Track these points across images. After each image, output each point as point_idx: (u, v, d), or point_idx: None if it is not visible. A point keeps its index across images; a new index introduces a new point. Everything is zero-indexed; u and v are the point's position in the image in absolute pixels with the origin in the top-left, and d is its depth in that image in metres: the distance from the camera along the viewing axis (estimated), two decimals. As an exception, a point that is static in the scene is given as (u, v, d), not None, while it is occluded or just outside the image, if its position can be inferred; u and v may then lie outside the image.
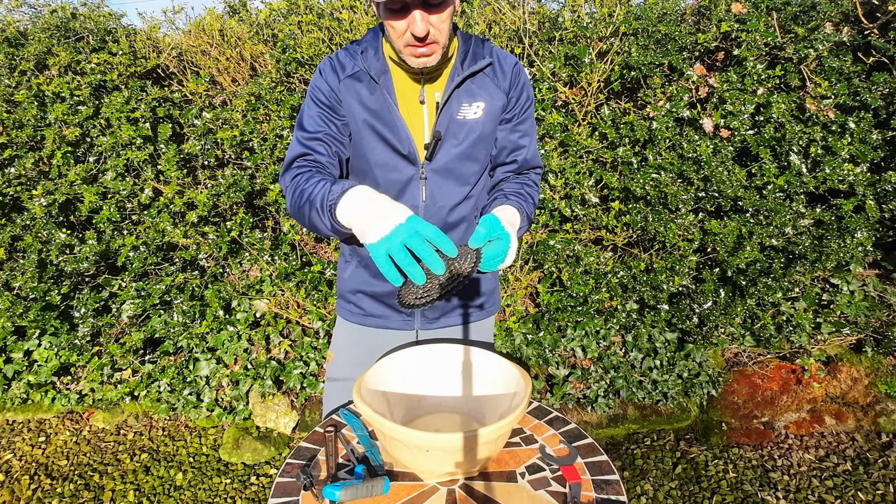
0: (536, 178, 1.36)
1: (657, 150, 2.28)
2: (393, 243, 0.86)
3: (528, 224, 1.27)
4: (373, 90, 1.19)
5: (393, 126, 1.19)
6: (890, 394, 2.47)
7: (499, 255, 1.06)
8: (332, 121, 1.21)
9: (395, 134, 1.20)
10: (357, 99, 1.20)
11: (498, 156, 1.31)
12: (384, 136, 1.20)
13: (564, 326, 2.50)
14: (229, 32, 2.67)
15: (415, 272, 0.86)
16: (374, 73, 1.18)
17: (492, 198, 1.30)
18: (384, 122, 1.20)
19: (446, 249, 0.88)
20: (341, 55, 1.23)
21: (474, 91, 1.21)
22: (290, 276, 2.47)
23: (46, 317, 2.47)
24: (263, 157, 2.41)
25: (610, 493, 0.97)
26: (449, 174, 1.24)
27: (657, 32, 2.30)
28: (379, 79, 1.18)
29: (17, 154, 2.47)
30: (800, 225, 2.28)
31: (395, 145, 1.20)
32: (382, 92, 1.18)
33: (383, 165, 1.23)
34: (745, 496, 2.18)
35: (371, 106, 1.20)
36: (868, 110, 2.23)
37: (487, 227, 1.06)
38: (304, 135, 1.20)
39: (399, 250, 0.85)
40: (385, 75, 1.19)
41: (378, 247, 0.88)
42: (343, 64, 1.21)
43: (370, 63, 1.19)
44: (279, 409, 2.53)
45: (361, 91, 1.20)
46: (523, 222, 1.23)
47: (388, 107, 1.19)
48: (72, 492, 2.27)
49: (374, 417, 0.96)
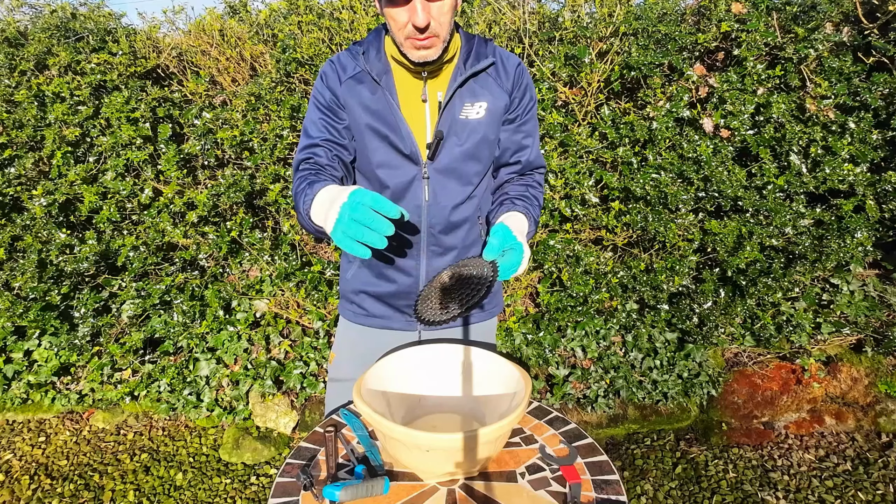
0: (540, 178, 1.36)
1: (657, 150, 2.28)
2: (343, 222, 0.90)
3: (535, 227, 1.28)
4: (374, 91, 1.20)
5: (395, 126, 1.19)
6: (890, 394, 2.47)
7: (513, 266, 1.07)
8: (334, 125, 1.23)
9: (397, 134, 1.20)
10: (359, 101, 1.20)
11: (501, 156, 1.31)
12: (386, 136, 1.20)
13: (564, 326, 2.50)
14: (229, 32, 2.67)
15: (372, 238, 0.89)
16: (375, 73, 1.18)
17: (497, 201, 1.30)
18: (386, 122, 1.20)
19: (388, 211, 0.91)
20: (343, 56, 1.24)
21: (477, 91, 1.21)
22: (290, 276, 2.47)
23: (46, 317, 2.47)
24: (263, 157, 2.41)
25: (610, 493, 0.97)
26: (451, 174, 1.24)
27: (657, 32, 2.30)
28: (381, 79, 1.18)
29: (17, 154, 2.47)
30: (800, 225, 2.28)
31: (397, 145, 1.21)
32: (384, 92, 1.19)
33: (386, 165, 1.24)
34: (745, 496, 2.18)
35: (373, 107, 1.20)
36: (868, 110, 2.23)
37: (500, 238, 1.08)
38: (307, 140, 1.24)
39: (349, 225, 0.89)
40: (387, 75, 1.19)
41: (335, 232, 0.92)
42: (344, 65, 1.22)
43: (372, 63, 1.19)
44: (279, 409, 2.53)
45: (363, 93, 1.20)
46: (531, 227, 1.24)
47: (389, 107, 1.19)
48: (72, 492, 2.27)
49: (374, 417, 0.96)
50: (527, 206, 1.25)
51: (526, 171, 1.34)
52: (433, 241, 1.29)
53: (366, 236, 0.89)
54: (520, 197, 1.28)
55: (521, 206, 1.24)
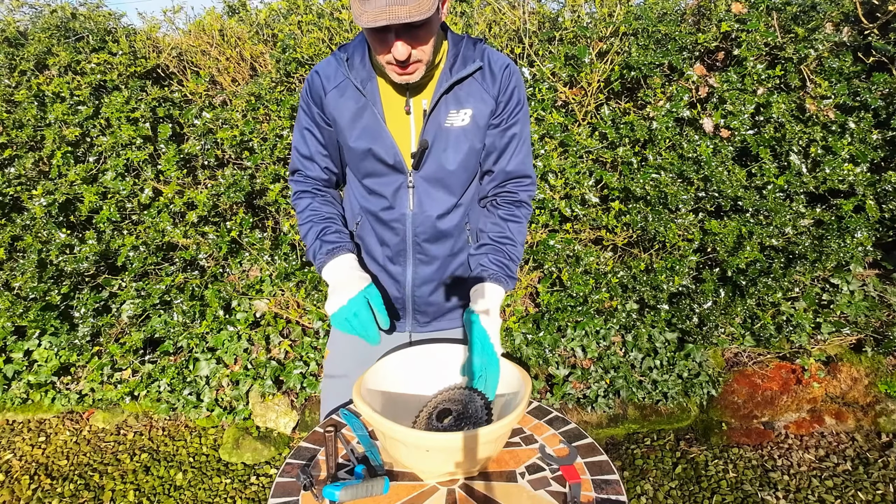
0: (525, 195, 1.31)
1: (657, 150, 2.28)
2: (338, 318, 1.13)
3: (516, 266, 1.28)
4: (358, 100, 1.19)
5: (378, 136, 1.18)
6: (890, 394, 2.47)
7: (494, 387, 1.14)
8: (318, 137, 1.27)
9: (381, 144, 1.19)
10: (342, 112, 1.20)
11: (484, 161, 1.28)
12: (370, 146, 1.19)
13: (564, 326, 2.50)
14: (229, 32, 2.67)
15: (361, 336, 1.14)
16: (359, 82, 1.17)
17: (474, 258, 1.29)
18: (370, 132, 1.19)
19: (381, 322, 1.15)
20: (326, 65, 1.22)
21: (462, 98, 1.18)
22: (290, 276, 2.47)
23: (46, 317, 2.47)
24: (263, 157, 2.41)
25: (610, 493, 0.97)
26: (437, 183, 1.23)
27: (657, 32, 2.30)
28: (364, 88, 1.17)
29: (17, 154, 2.47)
30: (800, 225, 2.28)
31: (381, 156, 1.20)
32: (368, 103, 1.18)
33: (371, 174, 1.24)
34: (745, 496, 2.18)
35: (356, 117, 1.19)
36: (868, 110, 2.23)
37: (479, 356, 1.15)
38: (297, 152, 1.31)
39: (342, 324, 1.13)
40: (371, 83, 1.18)
41: (333, 319, 1.14)
42: (328, 75, 1.21)
43: (356, 71, 1.18)
44: (279, 409, 2.53)
45: (347, 103, 1.19)
46: (509, 284, 1.24)
47: (373, 117, 1.18)
48: (72, 492, 2.27)
49: (374, 417, 0.96)
50: (501, 263, 1.25)
51: (508, 181, 1.29)
52: (418, 249, 1.28)
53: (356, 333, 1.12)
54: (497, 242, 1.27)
55: (495, 266, 1.24)
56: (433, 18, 1.03)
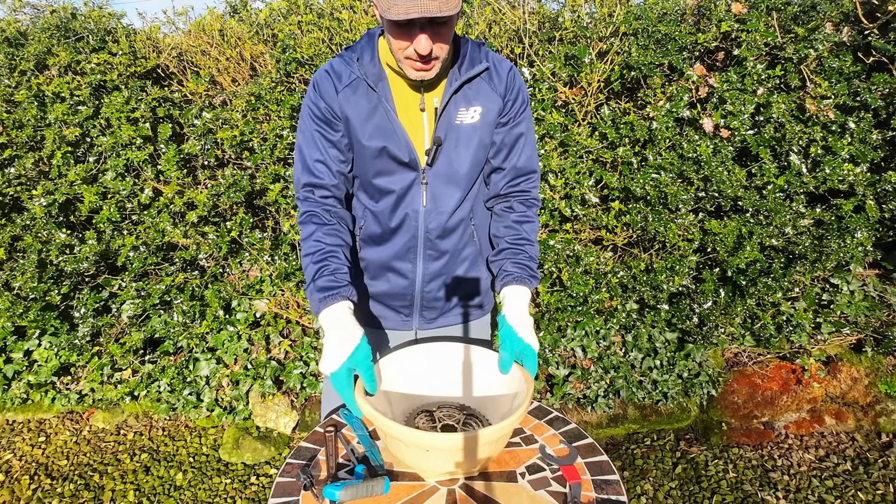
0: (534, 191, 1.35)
1: (657, 150, 2.28)
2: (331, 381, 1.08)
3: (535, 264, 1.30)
4: (370, 99, 1.19)
5: (392, 134, 1.19)
6: (890, 394, 2.47)
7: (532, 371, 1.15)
8: (330, 138, 1.22)
9: (396, 142, 1.19)
10: (355, 110, 1.19)
11: (494, 158, 1.31)
12: (384, 144, 1.20)
13: (564, 326, 2.50)
14: (229, 32, 2.67)
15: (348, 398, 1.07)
16: (371, 80, 1.17)
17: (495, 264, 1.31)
18: (383, 131, 1.19)
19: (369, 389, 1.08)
20: (336, 64, 1.22)
21: (471, 96, 1.21)
22: (290, 276, 2.47)
23: (46, 317, 2.47)
24: (263, 157, 2.41)
25: (610, 493, 0.97)
26: (449, 179, 1.25)
27: (657, 32, 2.30)
28: (377, 86, 1.17)
29: (17, 154, 2.46)
30: (800, 225, 2.28)
31: (396, 154, 1.20)
32: (381, 100, 1.18)
33: (384, 173, 1.24)
34: (745, 496, 2.18)
35: (369, 116, 1.19)
36: (868, 110, 2.23)
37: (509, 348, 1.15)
38: (306, 157, 1.24)
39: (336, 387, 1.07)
40: (382, 82, 1.18)
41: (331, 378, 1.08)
42: (339, 74, 1.20)
43: (366, 69, 1.18)
44: (279, 409, 2.53)
45: (360, 102, 1.19)
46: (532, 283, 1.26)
47: (386, 115, 1.18)
48: (72, 492, 2.27)
49: (376, 417, 0.96)
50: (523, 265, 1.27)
51: (520, 177, 1.32)
52: (429, 245, 1.30)
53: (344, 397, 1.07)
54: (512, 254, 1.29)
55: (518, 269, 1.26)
56: (455, 17, 1.06)
